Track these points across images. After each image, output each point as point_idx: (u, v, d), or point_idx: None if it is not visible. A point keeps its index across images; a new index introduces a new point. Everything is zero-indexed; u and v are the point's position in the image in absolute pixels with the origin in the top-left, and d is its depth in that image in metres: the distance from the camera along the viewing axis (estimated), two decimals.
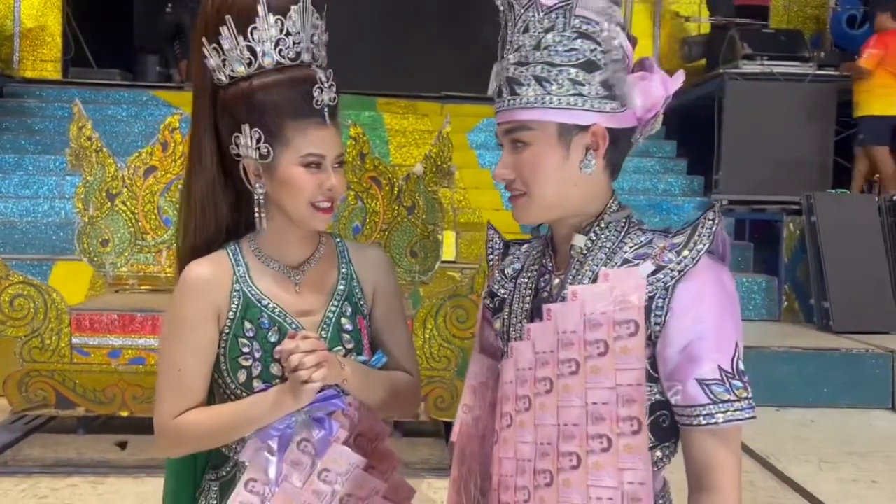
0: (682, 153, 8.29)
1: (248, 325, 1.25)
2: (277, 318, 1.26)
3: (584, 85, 1.10)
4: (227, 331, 1.25)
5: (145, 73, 9.57)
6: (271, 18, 1.18)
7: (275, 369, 1.24)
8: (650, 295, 1.07)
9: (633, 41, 1.15)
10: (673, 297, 1.06)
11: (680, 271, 1.07)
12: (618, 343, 1.05)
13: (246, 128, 1.19)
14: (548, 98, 1.10)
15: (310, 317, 1.29)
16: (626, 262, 1.12)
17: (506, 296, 1.25)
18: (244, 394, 1.25)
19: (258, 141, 1.19)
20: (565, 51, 1.09)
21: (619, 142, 1.15)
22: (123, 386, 3.66)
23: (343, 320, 1.31)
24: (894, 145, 6.67)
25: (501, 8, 1.14)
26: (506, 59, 1.13)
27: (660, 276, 1.08)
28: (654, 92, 1.15)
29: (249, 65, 1.19)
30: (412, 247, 4.02)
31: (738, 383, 1.06)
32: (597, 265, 1.13)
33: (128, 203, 4.04)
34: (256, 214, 1.23)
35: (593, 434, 1.05)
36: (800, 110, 6.90)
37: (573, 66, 1.09)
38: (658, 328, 1.06)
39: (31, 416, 3.85)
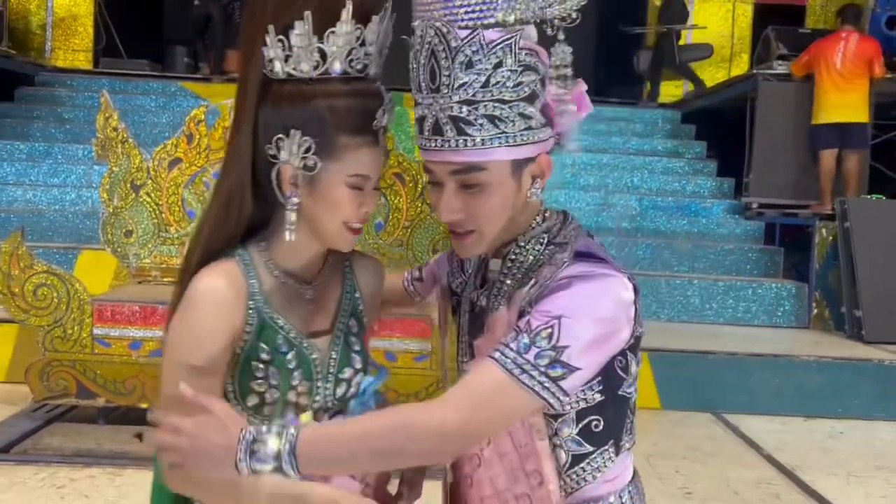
0: (712, 154, 8.16)
1: (263, 347, 1.15)
2: (294, 340, 1.18)
3: (531, 118, 1.07)
4: (239, 352, 1.15)
5: (174, 65, 9.63)
6: (352, 25, 1.10)
7: (291, 395, 1.17)
8: (521, 308, 1.07)
9: (550, 41, 1.10)
10: (538, 297, 1.07)
11: (542, 287, 1.06)
12: None
13: (296, 134, 1.09)
14: (503, 137, 1.05)
15: (320, 337, 1.22)
16: (529, 279, 1.11)
17: (460, 297, 1.25)
18: (254, 418, 1.16)
19: (307, 151, 1.10)
20: (514, 86, 1.05)
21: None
22: (143, 378, 3.66)
23: (351, 339, 1.24)
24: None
25: (420, 36, 1.06)
26: (444, 95, 1.05)
27: (532, 290, 1.08)
28: (576, 113, 1.13)
29: (316, 67, 1.10)
30: (435, 244, 3.98)
31: (526, 340, 1.01)
32: (512, 287, 1.12)
33: (152, 194, 4.05)
34: (289, 226, 1.12)
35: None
36: None
37: (521, 100, 1.06)
38: None
39: (52, 405, 3.86)
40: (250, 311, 1.15)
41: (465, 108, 1.04)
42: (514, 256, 1.13)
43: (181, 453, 1.03)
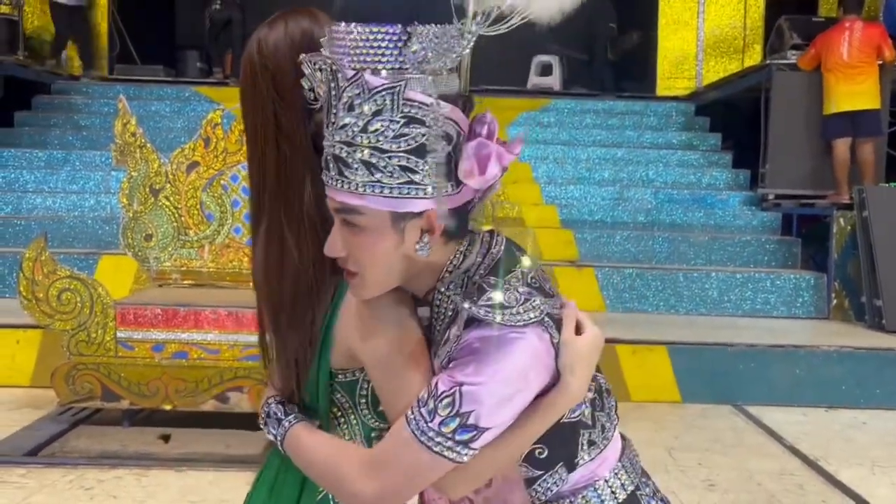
0: (727, 146, 8.12)
1: None
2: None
3: (416, 172, 1.02)
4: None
5: (187, 70, 9.71)
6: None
7: None
8: (441, 365, 1.07)
9: (469, 105, 1.07)
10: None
11: (450, 350, 1.06)
12: None
13: None
14: (377, 187, 1.02)
15: None
16: (451, 326, 1.10)
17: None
18: (380, 425, 1.17)
19: None
20: (394, 136, 1.01)
21: (458, 213, 1.08)
22: (167, 380, 3.70)
23: None
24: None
25: (321, 70, 1.03)
26: (330, 133, 1.03)
27: (444, 349, 1.07)
28: (490, 170, 1.06)
29: None
30: None
31: (431, 404, 1.03)
32: (443, 329, 1.10)
33: (171, 198, 4.10)
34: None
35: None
36: None
37: (403, 152, 1.01)
38: None
39: (78, 408, 3.91)
40: None
41: (345, 150, 1.02)
42: (437, 303, 1.11)
43: None
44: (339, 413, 1.17)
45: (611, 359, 4.50)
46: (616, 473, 1.18)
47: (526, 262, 1.11)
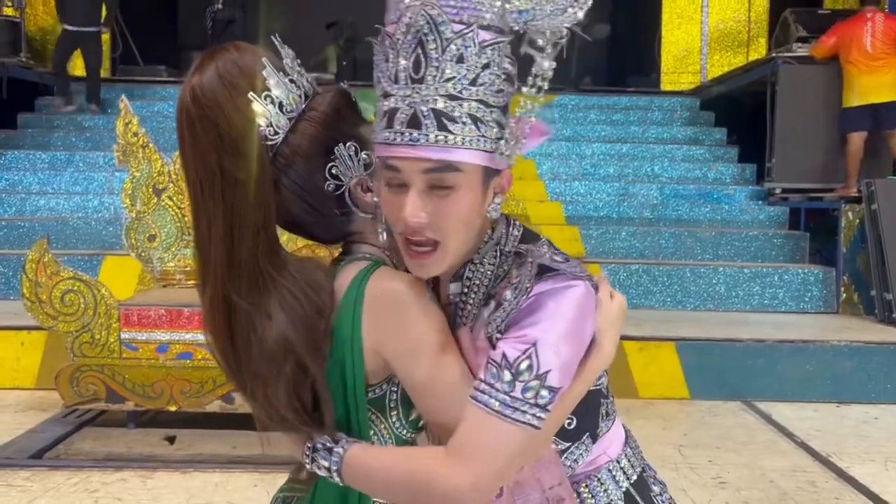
0: (733, 141, 8.07)
1: None
2: None
3: (504, 128, 1.04)
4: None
5: (189, 69, 9.68)
6: (290, 53, 1.14)
7: None
8: (488, 335, 1.05)
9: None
10: (507, 325, 1.05)
11: (508, 312, 1.04)
12: None
13: (340, 148, 1.11)
14: (481, 141, 1.01)
15: None
16: (488, 298, 1.08)
17: None
18: (407, 432, 1.14)
19: (357, 152, 1.12)
20: (495, 91, 1.02)
21: None
22: (171, 381, 3.68)
23: None
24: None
25: (407, 24, 1.00)
26: (429, 86, 0.99)
27: (497, 314, 1.05)
28: (536, 141, 1.08)
29: (300, 97, 1.12)
30: None
31: (509, 376, 0.99)
32: (475, 307, 1.09)
33: (174, 198, 4.07)
34: (381, 228, 1.10)
35: None
36: None
37: (499, 108, 1.03)
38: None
39: (83, 410, 3.89)
40: None
41: (449, 103, 1.00)
42: (470, 275, 1.10)
43: None
44: (372, 432, 1.13)
45: (618, 356, 4.41)
46: (626, 455, 1.20)
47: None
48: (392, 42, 1.02)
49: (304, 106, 1.12)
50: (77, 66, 8.83)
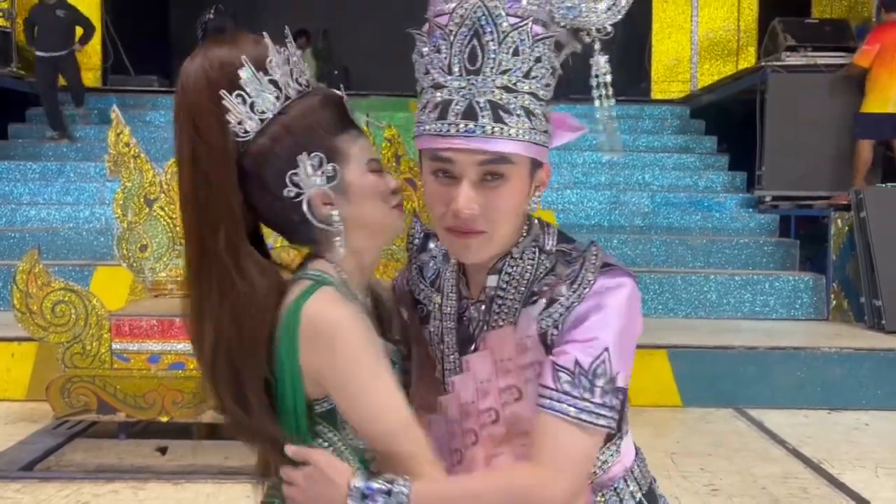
0: (724, 149, 8.12)
1: None
2: (394, 357, 1.16)
3: (549, 122, 1.07)
4: None
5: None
6: (278, 49, 1.13)
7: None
8: (542, 331, 1.06)
9: None
10: (567, 322, 1.05)
11: (567, 307, 1.05)
12: (529, 386, 1.06)
13: (303, 157, 1.10)
14: (532, 133, 1.03)
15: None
16: (532, 295, 1.09)
17: (430, 307, 1.21)
18: (363, 442, 1.12)
19: (321, 163, 1.11)
20: (545, 86, 1.04)
21: None
22: (163, 391, 3.67)
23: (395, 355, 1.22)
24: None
25: (462, 16, 1.01)
26: (486, 77, 1.01)
27: (552, 309, 1.06)
28: (566, 135, 1.13)
29: (278, 98, 1.12)
30: None
31: (587, 383, 1.01)
32: (515, 302, 1.10)
33: (166, 208, 4.06)
34: (339, 242, 1.12)
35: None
36: (846, 102, 6.68)
37: (546, 101, 1.06)
38: (553, 345, 1.06)
39: (74, 421, 3.87)
40: None
41: (505, 95, 1.01)
42: (510, 270, 1.11)
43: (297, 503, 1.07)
44: (327, 444, 1.12)
45: None
46: (637, 465, 1.21)
47: None
48: (444, 33, 1.02)
49: (279, 108, 1.12)
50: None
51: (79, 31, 7.89)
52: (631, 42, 9.68)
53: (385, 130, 4.04)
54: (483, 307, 1.13)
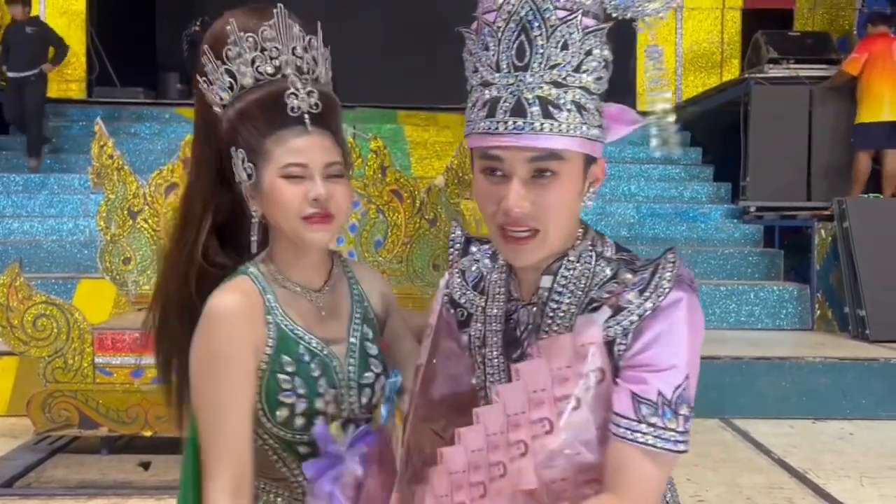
0: (708, 160, 8.17)
1: (286, 359, 1.16)
2: (316, 349, 1.19)
3: (602, 116, 1.04)
4: (263, 367, 1.16)
5: (167, 91, 9.65)
6: (243, 37, 1.14)
7: (319, 404, 1.17)
8: (609, 339, 1.02)
9: None
10: (639, 335, 1.02)
11: (640, 315, 1.02)
12: (589, 393, 1.03)
13: (234, 151, 1.16)
14: (584, 128, 1.00)
15: (337, 345, 1.22)
16: (592, 301, 1.06)
17: (472, 310, 1.17)
18: (283, 432, 1.17)
19: (243, 161, 1.16)
20: (596, 79, 1.02)
21: None
22: (146, 405, 3.63)
23: (367, 344, 1.25)
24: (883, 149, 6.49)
25: (509, 11, 0.99)
26: (534, 73, 0.99)
27: (620, 317, 1.03)
28: (621, 129, 1.09)
29: (231, 88, 1.16)
30: (435, 259, 3.97)
31: (670, 413, 1.01)
32: (571, 307, 1.07)
33: (149, 221, 4.04)
34: (253, 238, 1.19)
35: (582, 481, 1.04)
36: (829, 114, 6.75)
37: (599, 95, 1.03)
38: (620, 357, 1.03)
39: (55, 436, 3.83)
40: (269, 325, 1.17)
41: (554, 90, 0.99)
42: (566, 273, 1.08)
43: None
44: (260, 441, 1.22)
45: None
46: (670, 490, 1.22)
47: None
48: (492, 30, 1.01)
49: (234, 95, 1.16)
50: (57, 87, 8.77)
51: (52, 51, 7.69)
52: (616, 55, 9.74)
53: (371, 142, 4.04)
54: (535, 309, 1.09)
